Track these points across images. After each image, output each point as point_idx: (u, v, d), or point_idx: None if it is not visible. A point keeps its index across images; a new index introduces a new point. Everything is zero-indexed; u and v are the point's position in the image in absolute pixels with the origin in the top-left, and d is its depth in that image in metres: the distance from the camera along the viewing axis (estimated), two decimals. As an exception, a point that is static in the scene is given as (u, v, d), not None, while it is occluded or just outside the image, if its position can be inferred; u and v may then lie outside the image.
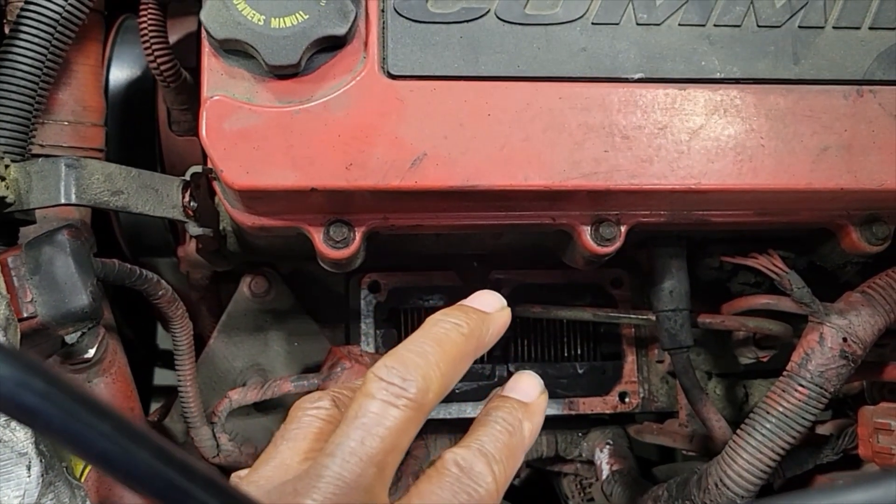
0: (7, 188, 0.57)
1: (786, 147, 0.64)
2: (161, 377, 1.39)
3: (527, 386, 0.51)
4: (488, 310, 0.51)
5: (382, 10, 0.62)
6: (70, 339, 0.64)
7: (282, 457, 0.45)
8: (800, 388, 0.71)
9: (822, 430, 0.87)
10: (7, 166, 0.58)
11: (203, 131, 0.60)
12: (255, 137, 0.60)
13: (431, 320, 0.48)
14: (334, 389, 0.48)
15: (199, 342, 0.98)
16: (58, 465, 0.57)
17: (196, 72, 0.86)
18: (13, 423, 0.54)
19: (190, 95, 0.85)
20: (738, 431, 0.73)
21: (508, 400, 0.50)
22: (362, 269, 0.84)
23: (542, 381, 0.52)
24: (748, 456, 0.71)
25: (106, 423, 0.23)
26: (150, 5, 0.80)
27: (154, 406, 1.32)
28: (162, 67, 0.80)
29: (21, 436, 0.54)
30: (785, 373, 0.73)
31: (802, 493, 0.29)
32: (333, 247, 0.66)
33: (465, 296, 0.92)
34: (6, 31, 0.71)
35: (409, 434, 0.43)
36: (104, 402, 0.23)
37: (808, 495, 0.29)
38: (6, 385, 0.21)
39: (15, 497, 0.54)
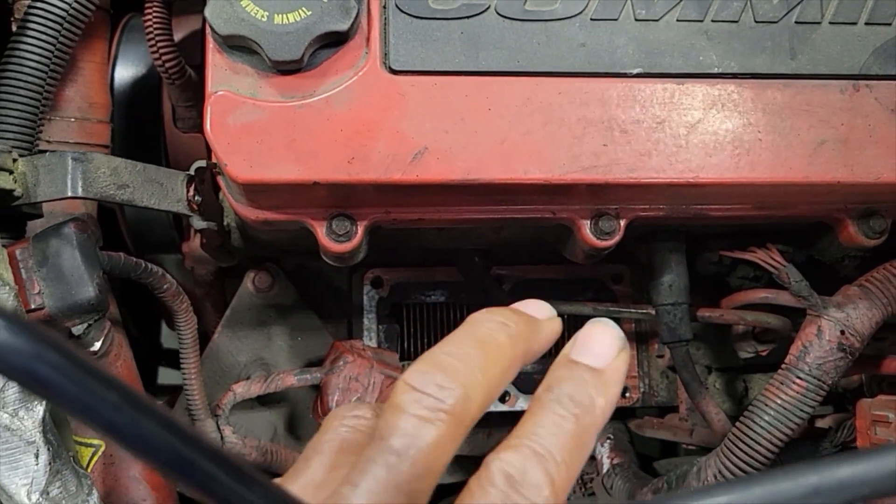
0: (15, 181, 0.58)
1: (783, 141, 0.65)
2: (165, 376, 1.40)
3: (601, 344, 0.40)
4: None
5: (384, 7, 0.63)
6: (76, 330, 0.64)
7: (311, 473, 0.38)
8: (798, 381, 0.72)
9: (821, 424, 0.88)
10: (15, 160, 0.59)
11: (208, 126, 0.60)
12: (258, 132, 0.61)
13: (474, 319, 0.40)
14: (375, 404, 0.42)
15: (204, 338, 0.99)
16: (65, 454, 0.58)
17: (200, 69, 0.87)
18: (21, 412, 0.55)
19: (194, 92, 0.86)
20: (737, 424, 0.74)
21: (576, 367, 0.40)
22: (365, 264, 0.85)
23: (621, 334, 0.41)
24: (747, 448, 0.72)
25: (115, 395, 0.23)
26: (156, 3, 0.81)
27: (158, 404, 1.32)
28: (167, 65, 0.81)
29: (29, 424, 0.55)
30: (783, 365, 0.73)
31: (791, 467, 0.29)
32: (336, 240, 0.67)
33: (468, 291, 0.93)
34: (13, 28, 0.72)
35: (446, 454, 0.36)
36: (114, 376, 0.24)
37: (796, 470, 0.29)
38: (22, 357, 0.22)
39: (23, 485, 0.55)
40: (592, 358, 0.40)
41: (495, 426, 0.94)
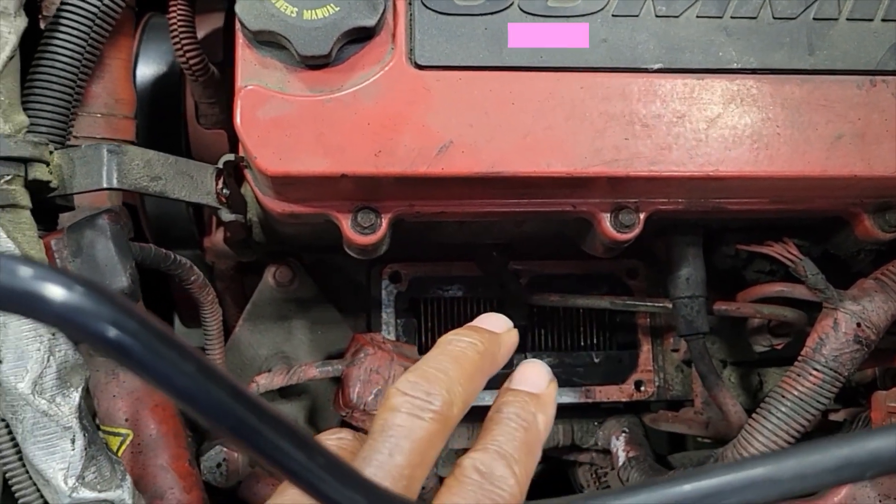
0: (51, 173, 0.59)
1: (801, 135, 0.66)
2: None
3: (535, 376, 0.50)
4: (497, 330, 0.51)
5: (410, 3, 0.64)
6: (110, 319, 0.66)
7: None
8: (814, 373, 0.73)
9: (835, 417, 0.89)
10: (51, 152, 0.60)
11: (238, 119, 0.62)
12: (287, 125, 0.62)
13: (446, 340, 0.48)
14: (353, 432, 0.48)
15: (224, 331, 1.00)
16: (99, 440, 0.59)
17: (222, 66, 0.89)
18: (58, 398, 0.56)
19: (217, 89, 0.88)
20: (754, 415, 0.75)
21: (519, 393, 0.49)
22: (384, 259, 0.86)
23: (549, 369, 0.51)
24: (764, 439, 0.73)
25: (190, 364, 0.25)
26: (180, 1, 0.82)
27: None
28: (191, 62, 0.83)
29: (65, 410, 0.56)
30: (800, 357, 0.74)
31: (822, 440, 0.30)
32: (361, 233, 0.68)
33: (485, 286, 0.94)
34: (42, 25, 0.73)
35: (435, 447, 0.43)
36: (188, 345, 0.25)
37: (828, 443, 0.30)
38: (102, 324, 0.23)
39: (59, 469, 0.56)
40: (530, 386, 0.50)
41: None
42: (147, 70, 0.98)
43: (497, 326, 0.52)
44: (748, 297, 0.83)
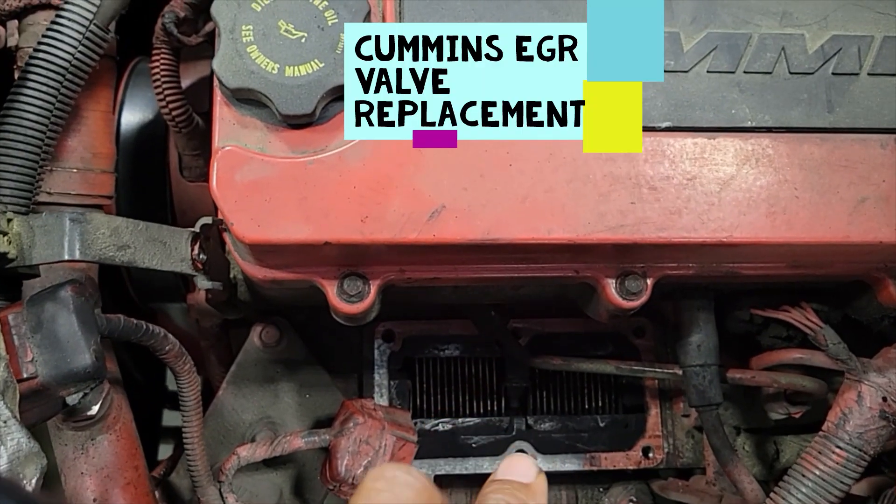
0: (9, 243, 0.55)
1: (821, 199, 0.61)
2: (169, 419, 1.37)
3: (523, 467, 0.47)
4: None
5: (400, 58, 0.60)
6: (71, 400, 0.61)
7: None
8: (837, 451, 0.67)
9: (857, 489, 0.83)
10: (10, 220, 0.56)
11: (214, 183, 0.58)
12: (267, 189, 0.58)
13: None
14: None
15: (207, 389, 0.95)
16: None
17: (208, 116, 0.85)
18: None
19: (202, 141, 0.84)
20: (772, 495, 0.69)
21: (507, 482, 0.46)
22: (376, 316, 0.81)
23: (536, 462, 0.49)
24: (783, 522, 0.68)
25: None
26: (163, 50, 0.78)
27: (162, 448, 1.29)
28: (174, 113, 0.79)
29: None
30: (821, 433, 0.69)
31: None
32: (347, 301, 0.63)
33: (483, 345, 0.89)
34: (16, 76, 0.69)
35: None
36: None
37: None
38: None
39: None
40: (519, 476, 0.47)
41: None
42: (133, 118, 0.95)
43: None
44: (763, 364, 0.78)
